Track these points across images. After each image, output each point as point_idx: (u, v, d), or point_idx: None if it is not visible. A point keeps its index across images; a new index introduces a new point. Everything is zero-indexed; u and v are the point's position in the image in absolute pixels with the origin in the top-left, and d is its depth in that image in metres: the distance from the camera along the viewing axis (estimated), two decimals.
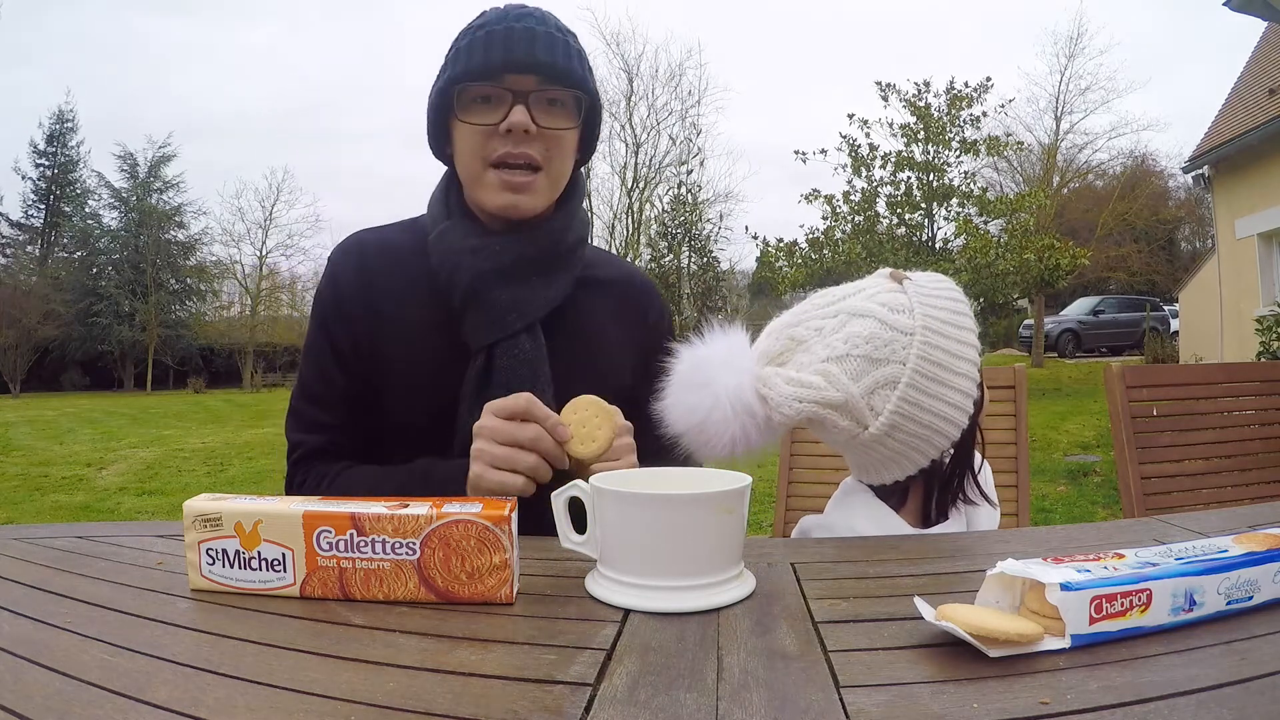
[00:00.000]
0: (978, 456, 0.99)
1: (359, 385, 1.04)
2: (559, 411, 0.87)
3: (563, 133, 0.99)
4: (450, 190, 1.06)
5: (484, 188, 0.98)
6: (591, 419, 0.85)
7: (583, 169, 1.14)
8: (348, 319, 1.03)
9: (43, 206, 26.04)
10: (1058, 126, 19.46)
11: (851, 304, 0.84)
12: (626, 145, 17.94)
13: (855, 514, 0.92)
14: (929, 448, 0.84)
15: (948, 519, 0.95)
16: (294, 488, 1.04)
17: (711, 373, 0.80)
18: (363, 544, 0.66)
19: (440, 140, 1.04)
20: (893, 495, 0.92)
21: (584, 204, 1.12)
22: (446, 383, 1.00)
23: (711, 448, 0.81)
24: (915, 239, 12.46)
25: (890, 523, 0.91)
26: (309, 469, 1.04)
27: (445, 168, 1.09)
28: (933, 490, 0.91)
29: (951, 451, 0.87)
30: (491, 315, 0.98)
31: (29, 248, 25.92)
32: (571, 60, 0.98)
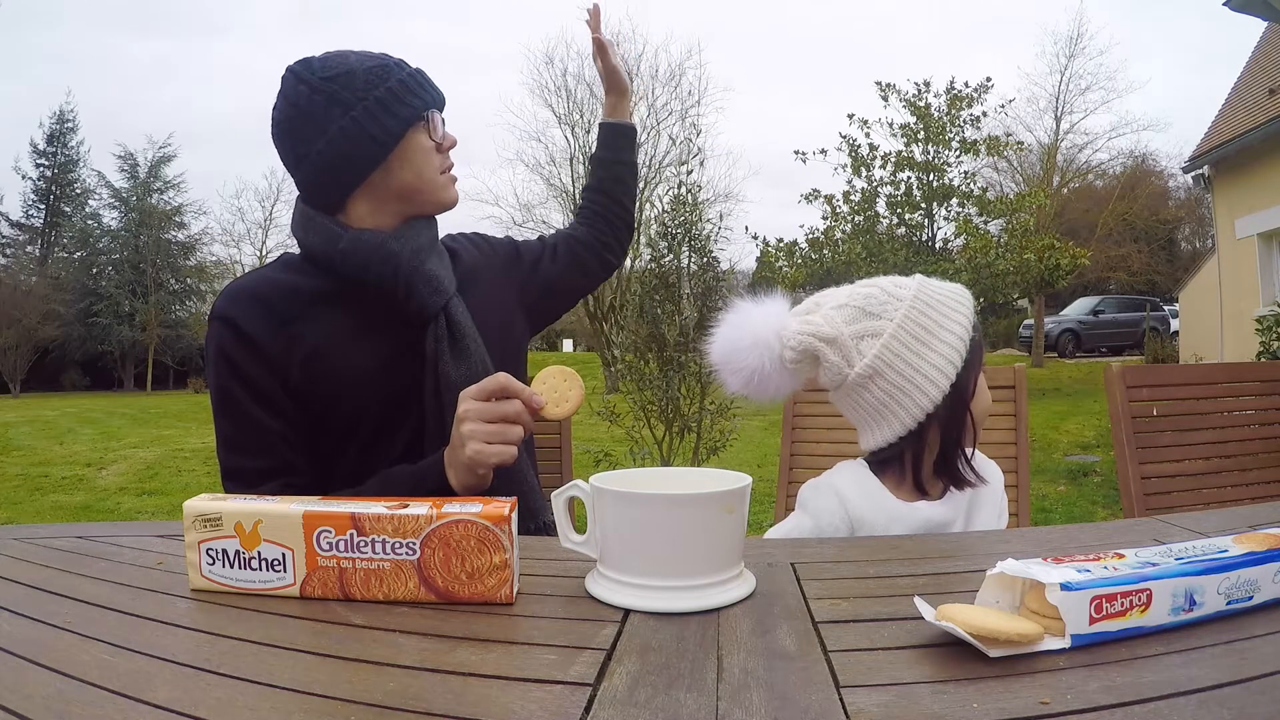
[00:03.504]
0: (982, 459, 1.06)
1: (292, 418, 1.06)
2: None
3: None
4: (330, 222, 1.10)
5: (441, 188, 1.16)
6: (560, 384, 0.96)
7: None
8: (263, 359, 1.05)
9: (43, 206, 26.04)
10: (1058, 126, 19.47)
11: (867, 280, 1.01)
12: None
13: (841, 474, 1.02)
14: (910, 404, 0.94)
15: (941, 498, 1.01)
16: None
17: (746, 316, 0.98)
18: (363, 544, 0.66)
19: (354, 182, 1.10)
20: (890, 469, 1.00)
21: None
22: (396, 367, 1.10)
23: (736, 376, 0.97)
24: (915, 239, 12.45)
25: (868, 484, 0.99)
26: None
27: (301, 211, 1.14)
28: (920, 460, 0.99)
29: (936, 425, 0.95)
30: (433, 284, 1.12)
31: (29, 248, 25.92)
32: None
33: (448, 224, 1.25)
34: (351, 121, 1.07)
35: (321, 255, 1.10)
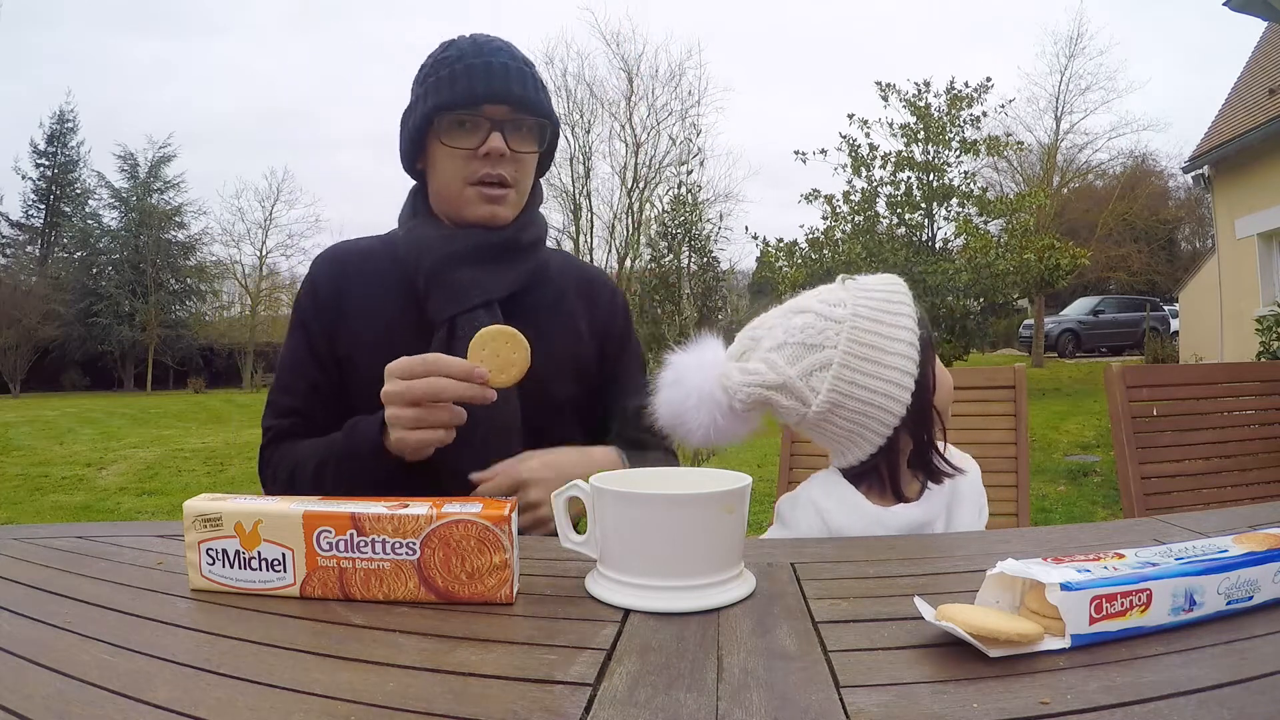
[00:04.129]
0: (956, 453, 1.05)
1: (329, 381, 1.12)
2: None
3: (528, 155, 1.13)
4: (417, 199, 1.18)
5: (465, 202, 1.10)
6: (502, 346, 0.90)
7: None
8: (323, 319, 1.13)
9: (43, 206, 26.03)
10: (1058, 126, 19.48)
11: (796, 303, 0.95)
12: (626, 145, 17.92)
13: (816, 486, 1.00)
14: (876, 424, 0.90)
15: (919, 499, 0.99)
16: (265, 467, 1.14)
17: (685, 373, 0.92)
18: (363, 544, 0.66)
19: (413, 157, 1.16)
20: (866, 480, 0.98)
21: (541, 209, 1.24)
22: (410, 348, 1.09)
23: (690, 436, 0.92)
24: (915, 239, 12.44)
25: (844, 493, 0.97)
26: (277, 449, 1.12)
27: (413, 183, 1.20)
28: (896, 468, 0.97)
29: (905, 431, 0.93)
30: (452, 292, 1.08)
31: (29, 248, 25.91)
32: (538, 92, 1.12)
33: None
34: (411, 104, 1.10)
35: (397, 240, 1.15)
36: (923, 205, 12.30)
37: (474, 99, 1.06)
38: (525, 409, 1.07)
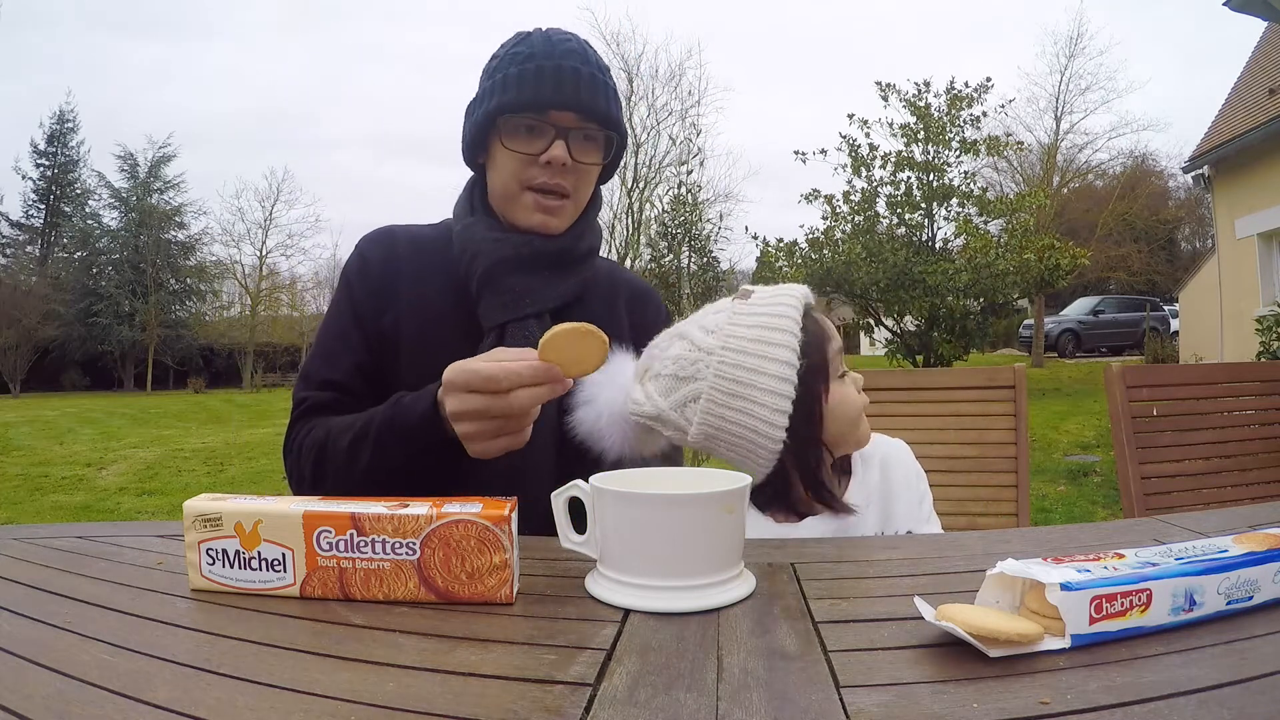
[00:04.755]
0: (884, 441, 1.08)
1: (371, 357, 1.09)
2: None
3: (591, 166, 1.09)
4: (474, 193, 1.14)
5: (519, 207, 1.07)
6: (576, 344, 0.82)
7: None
8: (372, 296, 1.09)
9: (43, 206, 26.04)
10: (1058, 126, 19.47)
11: (682, 326, 0.93)
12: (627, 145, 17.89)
13: None
14: (754, 454, 0.87)
15: (811, 516, 0.99)
16: (292, 440, 1.07)
17: (596, 391, 0.91)
18: (363, 544, 0.66)
19: (475, 151, 1.12)
20: (771, 506, 1.00)
21: (598, 217, 1.21)
22: (451, 357, 1.00)
23: (609, 451, 0.91)
24: (915, 239, 12.44)
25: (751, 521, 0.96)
26: (308, 421, 1.06)
27: (470, 174, 1.17)
28: (786, 492, 0.97)
29: (790, 461, 0.90)
30: (505, 299, 1.05)
31: (29, 248, 25.93)
32: (610, 102, 1.07)
33: None
34: (477, 97, 1.07)
35: (451, 232, 1.12)
36: (923, 205, 12.30)
37: (541, 103, 1.02)
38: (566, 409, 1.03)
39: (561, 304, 1.09)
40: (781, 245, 12.83)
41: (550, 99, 1.02)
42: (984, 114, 12.42)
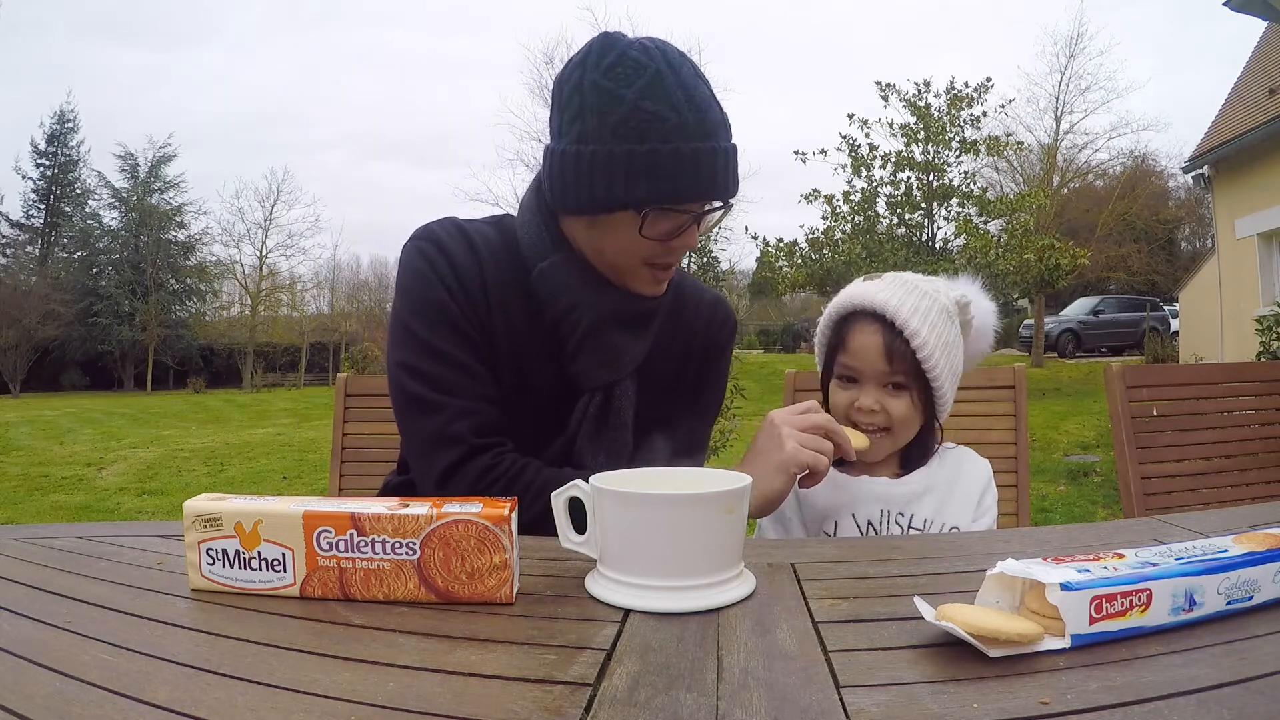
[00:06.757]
0: (970, 455, 1.18)
1: (484, 364, 1.01)
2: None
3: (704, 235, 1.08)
4: (550, 221, 1.03)
5: (636, 278, 1.02)
6: (851, 433, 1.05)
7: None
8: (468, 298, 1.00)
9: (43, 206, 26.04)
10: (1058, 126, 19.45)
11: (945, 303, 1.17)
12: None
13: None
14: (954, 376, 1.15)
15: (897, 478, 1.14)
16: (496, 480, 0.96)
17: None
18: (363, 544, 0.66)
19: (583, 207, 0.97)
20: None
21: None
22: (542, 399, 1.03)
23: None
24: (915, 239, 12.45)
25: None
26: (497, 461, 0.97)
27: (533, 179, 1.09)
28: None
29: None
30: (607, 356, 1.03)
31: (29, 248, 25.93)
32: (737, 173, 0.99)
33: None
34: (580, 153, 0.92)
35: (524, 258, 1.03)
36: (923, 205, 12.31)
37: (694, 196, 0.94)
38: (639, 419, 1.07)
39: (646, 356, 1.07)
40: (781, 245, 12.84)
41: (704, 192, 0.94)
42: (984, 114, 12.44)
